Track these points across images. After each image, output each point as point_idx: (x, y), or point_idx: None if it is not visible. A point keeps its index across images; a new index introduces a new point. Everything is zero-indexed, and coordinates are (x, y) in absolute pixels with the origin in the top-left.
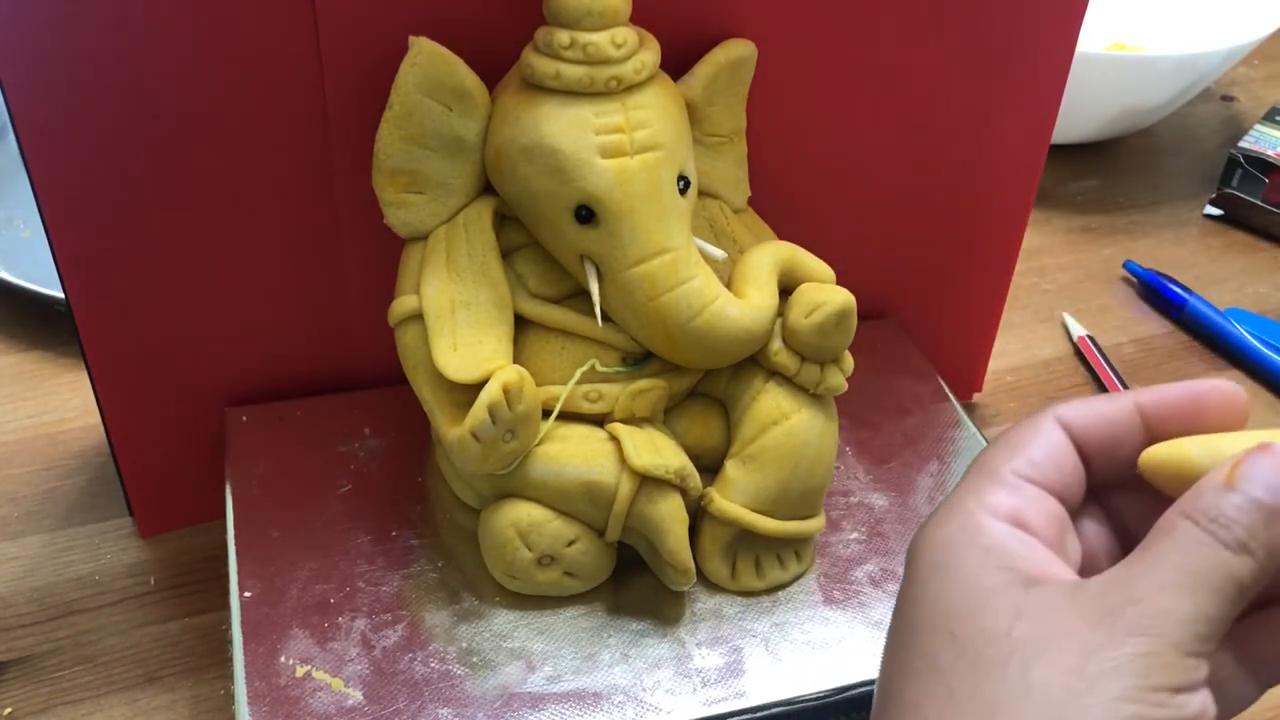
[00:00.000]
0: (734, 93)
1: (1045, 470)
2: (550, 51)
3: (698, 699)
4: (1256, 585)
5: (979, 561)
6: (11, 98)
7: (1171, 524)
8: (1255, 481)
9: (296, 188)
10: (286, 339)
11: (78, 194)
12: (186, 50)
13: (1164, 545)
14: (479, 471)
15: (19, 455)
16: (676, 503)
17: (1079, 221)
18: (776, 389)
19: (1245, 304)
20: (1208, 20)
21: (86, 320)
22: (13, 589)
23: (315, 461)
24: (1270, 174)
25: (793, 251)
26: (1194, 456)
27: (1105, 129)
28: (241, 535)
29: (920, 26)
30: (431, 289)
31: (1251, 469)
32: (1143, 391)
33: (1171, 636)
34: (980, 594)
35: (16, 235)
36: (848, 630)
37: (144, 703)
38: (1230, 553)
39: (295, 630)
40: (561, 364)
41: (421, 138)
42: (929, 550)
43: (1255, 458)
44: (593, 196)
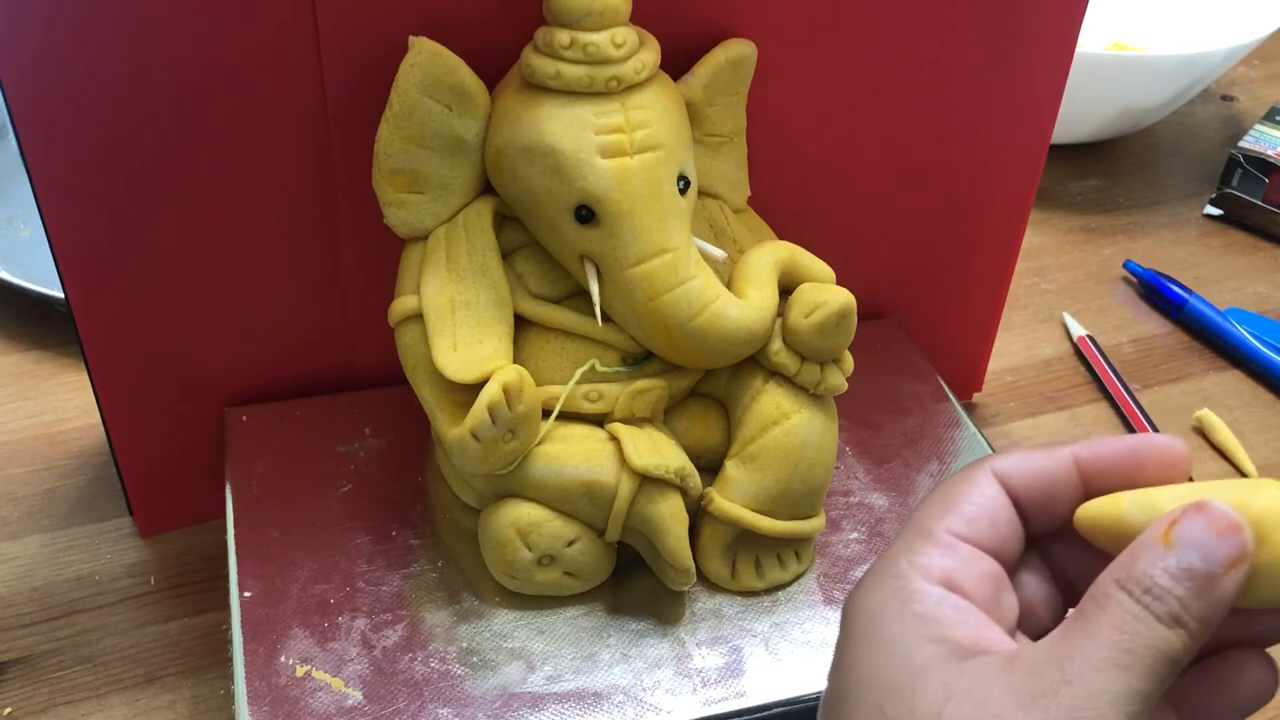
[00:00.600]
0: (734, 93)
1: (980, 528)
2: (550, 51)
3: (698, 699)
4: (1190, 655)
5: (911, 631)
6: (11, 98)
7: (1105, 593)
8: (1190, 545)
9: (296, 188)
10: (286, 339)
11: (78, 194)
12: (186, 50)
13: (1097, 618)
14: (479, 471)
15: (19, 455)
16: (676, 503)
17: (1079, 221)
18: (776, 389)
19: (1245, 304)
20: (1208, 20)
21: (86, 320)
22: (13, 589)
23: (315, 461)
24: (1270, 174)
25: (793, 251)
26: (1128, 514)
27: (1105, 129)
28: (241, 535)
29: (920, 26)
30: (431, 289)
31: (1187, 530)
32: (1081, 445)
33: (1104, 719)
34: (912, 671)
35: (16, 235)
36: None
37: (144, 703)
38: (1164, 627)
39: (295, 630)
40: (561, 364)
41: (421, 138)
42: (862, 617)
43: (1190, 518)
44: (593, 196)
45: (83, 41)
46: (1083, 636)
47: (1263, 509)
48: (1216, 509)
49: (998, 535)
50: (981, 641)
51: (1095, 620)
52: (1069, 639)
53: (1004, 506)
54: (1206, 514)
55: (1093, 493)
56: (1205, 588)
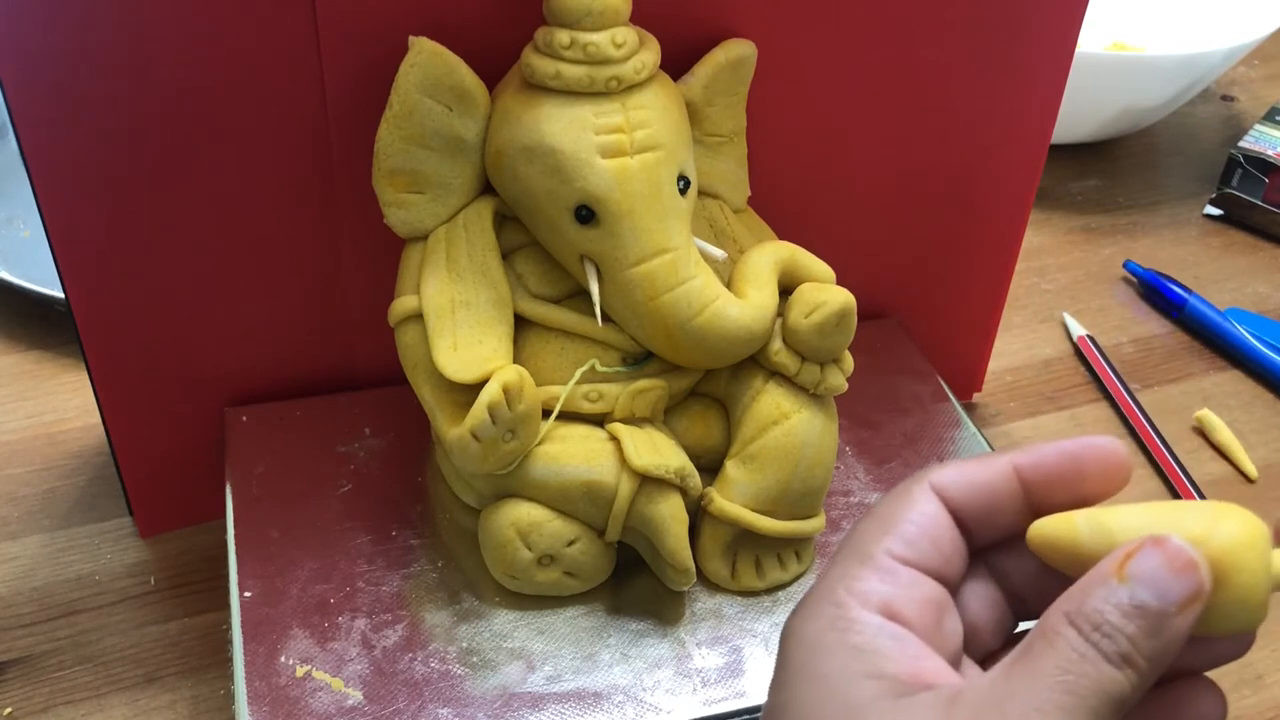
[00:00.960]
0: (734, 93)
1: (921, 548)
2: (550, 51)
3: (698, 699)
4: (1138, 695)
5: (849, 668)
6: (11, 98)
7: (1054, 629)
8: (1144, 582)
9: (297, 188)
10: (286, 339)
11: (78, 194)
12: (186, 50)
13: (1043, 656)
14: (479, 471)
15: (19, 455)
16: (676, 503)
17: (1079, 221)
18: (776, 389)
19: (1245, 304)
20: (1208, 20)
21: (86, 320)
22: (13, 589)
23: (315, 461)
24: (1270, 174)
25: (793, 251)
26: (1083, 537)
27: (1105, 129)
28: (241, 535)
29: (920, 26)
30: (431, 289)
31: (1142, 566)
32: (1019, 453)
33: None
34: (850, 710)
35: (16, 235)
36: None
37: (144, 703)
38: (1112, 667)
39: (295, 630)
40: (561, 364)
41: (421, 138)
42: (800, 648)
43: (1146, 553)
44: (593, 196)
45: (83, 42)
46: (1027, 675)
47: (1222, 547)
48: (1174, 545)
49: (940, 555)
50: (922, 674)
51: (1041, 658)
52: (1012, 677)
53: (944, 523)
54: (1164, 549)
55: (1035, 501)
56: (1157, 626)
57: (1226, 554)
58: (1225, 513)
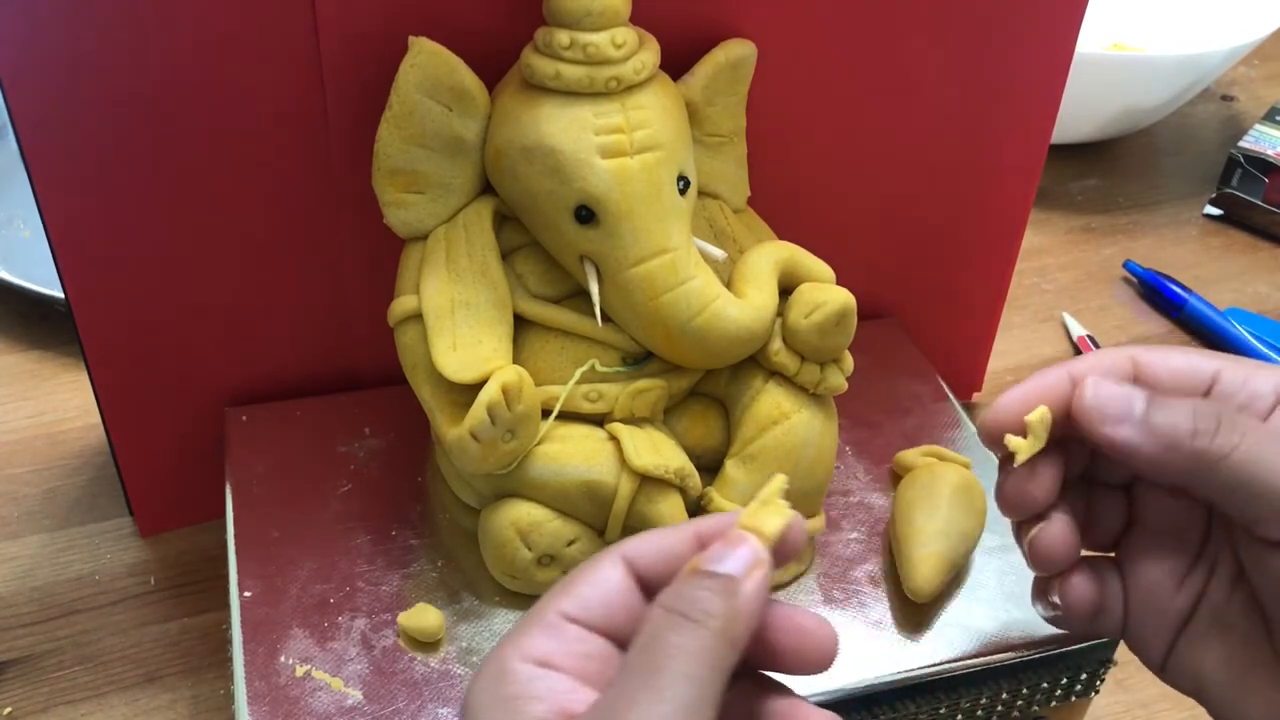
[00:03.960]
0: (734, 93)
1: (592, 609)
2: (550, 52)
3: None
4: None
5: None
6: (11, 98)
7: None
8: (711, 559)
9: (297, 188)
10: (286, 339)
11: (78, 194)
12: (186, 50)
13: (634, 648)
14: (479, 471)
15: (19, 455)
16: (676, 503)
17: (1079, 221)
18: (776, 389)
19: (1245, 304)
20: (1208, 20)
21: (86, 320)
22: (13, 589)
23: (315, 461)
24: (1270, 174)
25: (793, 251)
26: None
27: (1105, 129)
28: (241, 535)
29: (920, 27)
30: (431, 289)
31: (709, 552)
32: (703, 521)
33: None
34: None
35: (16, 235)
36: (847, 630)
37: (144, 703)
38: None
39: (295, 630)
40: (561, 364)
41: (421, 138)
42: (467, 712)
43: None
44: (592, 197)
45: (83, 42)
46: (625, 671)
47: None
48: (734, 533)
49: (610, 616)
50: (569, 707)
51: (633, 651)
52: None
53: (624, 588)
54: (726, 538)
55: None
56: (730, 588)
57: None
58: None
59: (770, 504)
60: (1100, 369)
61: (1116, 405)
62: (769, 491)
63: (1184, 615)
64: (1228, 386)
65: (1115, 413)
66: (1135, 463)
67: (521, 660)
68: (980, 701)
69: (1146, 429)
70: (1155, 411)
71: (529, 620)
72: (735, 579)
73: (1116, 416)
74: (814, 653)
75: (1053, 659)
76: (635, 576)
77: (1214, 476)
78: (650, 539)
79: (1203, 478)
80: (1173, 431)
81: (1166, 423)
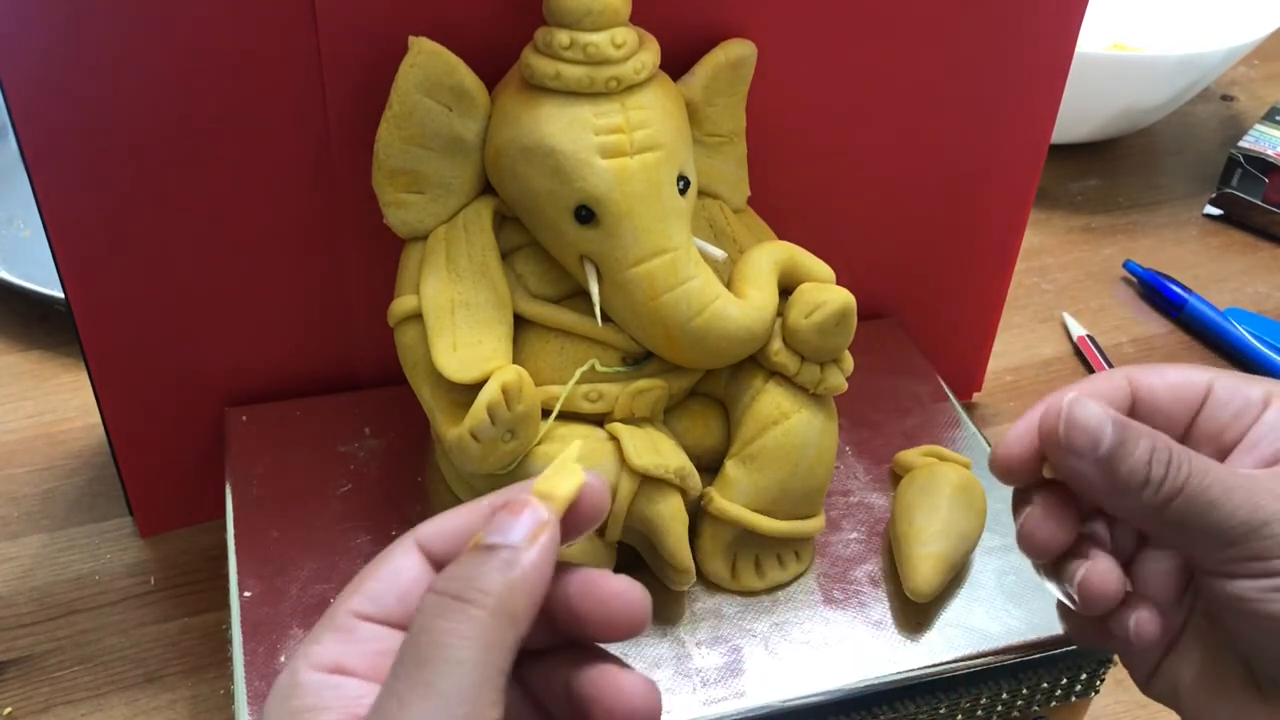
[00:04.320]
0: (734, 93)
1: (385, 603)
2: (550, 52)
3: (697, 699)
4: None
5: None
6: (12, 98)
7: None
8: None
9: (297, 188)
10: (286, 339)
11: (78, 194)
12: (186, 50)
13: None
14: (479, 471)
15: (19, 455)
16: (676, 503)
17: (1079, 221)
18: (776, 389)
19: (1245, 304)
20: (1208, 20)
21: (86, 320)
22: (13, 589)
23: (315, 461)
24: (1270, 174)
25: (793, 251)
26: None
27: (1105, 129)
28: (241, 535)
29: (920, 26)
30: (431, 289)
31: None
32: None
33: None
34: None
35: (16, 235)
36: (847, 630)
37: (144, 703)
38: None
39: (295, 630)
40: (561, 364)
41: (421, 138)
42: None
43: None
44: (592, 197)
45: (82, 42)
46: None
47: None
48: (516, 500)
49: (407, 609)
50: (362, 711)
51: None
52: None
53: (419, 577)
54: (508, 505)
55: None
56: (511, 559)
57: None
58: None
59: (564, 468)
60: (1095, 388)
61: (1084, 437)
62: (564, 457)
63: (1177, 631)
64: (1221, 395)
65: (1080, 445)
66: (1087, 494)
67: (312, 669)
68: (980, 701)
69: (1104, 471)
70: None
71: (320, 625)
72: (516, 548)
73: (1081, 449)
74: (621, 618)
75: (1053, 659)
76: (432, 562)
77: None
78: (444, 519)
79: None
80: (1127, 479)
81: (1124, 470)
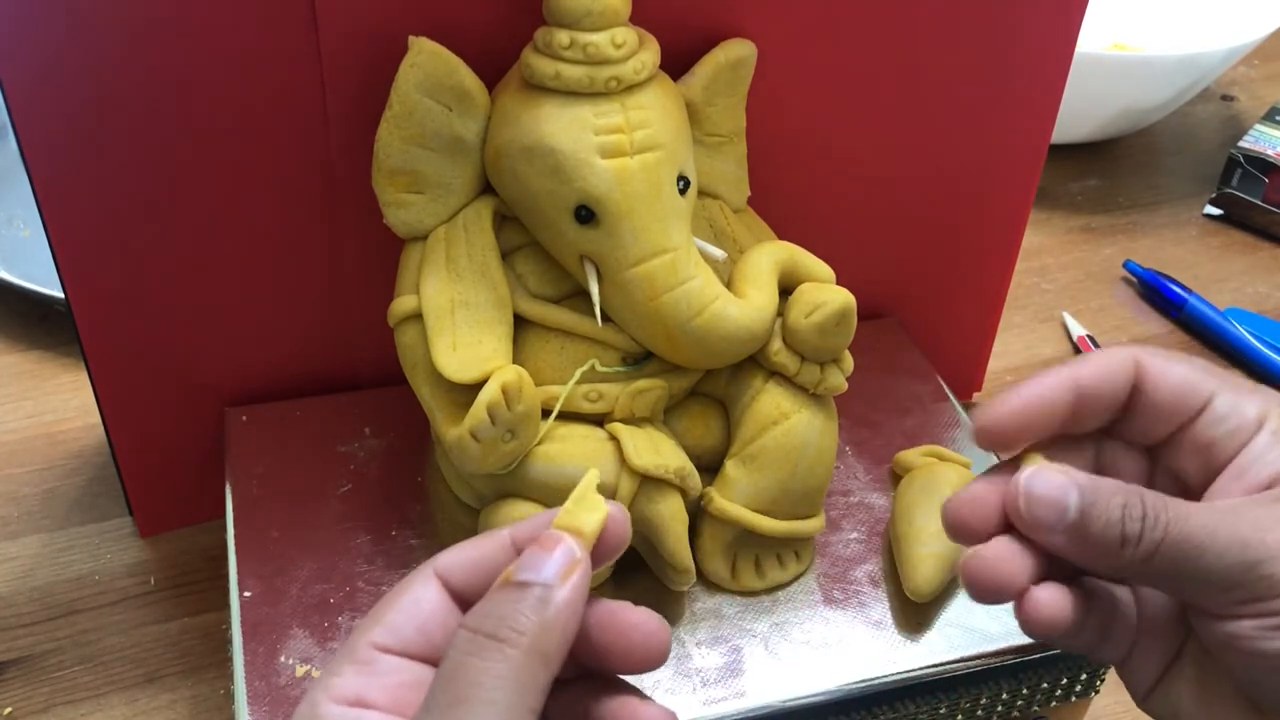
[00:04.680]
0: (734, 93)
1: (404, 635)
2: (550, 52)
3: (697, 699)
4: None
5: None
6: (11, 98)
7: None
8: (523, 567)
9: (297, 188)
10: (286, 339)
11: (78, 194)
12: (186, 50)
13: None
14: (478, 471)
15: (19, 455)
16: (676, 503)
17: (1079, 221)
18: (776, 389)
19: (1245, 304)
20: (1208, 20)
21: (86, 320)
22: (13, 589)
23: (315, 461)
24: (1270, 174)
25: (793, 251)
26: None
27: (1105, 129)
28: (241, 535)
29: (920, 26)
30: (431, 289)
31: (521, 560)
32: (519, 525)
33: None
34: None
35: (16, 235)
36: (847, 630)
37: (144, 703)
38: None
39: (295, 630)
40: (561, 364)
41: (421, 138)
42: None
43: (525, 552)
44: (592, 197)
45: (83, 42)
46: (424, 706)
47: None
48: (546, 534)
49: (428, 640)
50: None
51: (435, 681)
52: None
53: (439, 608)
54: (538, 541)
55: None
56: (544, 597)
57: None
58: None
59: (586, 499)
60: (1102, 370)
61: (1048, 510)
62: (583, 487)
63: (1178, 648)
64: (1220, 409)
65: (1047, 519)
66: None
67: (332, 701)
68: (980, 701)
69: (1077, 539)
70: (1086, 513)
71: (341, 656)
72: (549, 586)
73: (1048, 523)
74: (640, 650)
75: (1053, 659)
76: (451, 592)
77: (1144, 576)
78: (463, 550)
79: (1133, 577)
80: (1101, 540)
81: (1096, 530)
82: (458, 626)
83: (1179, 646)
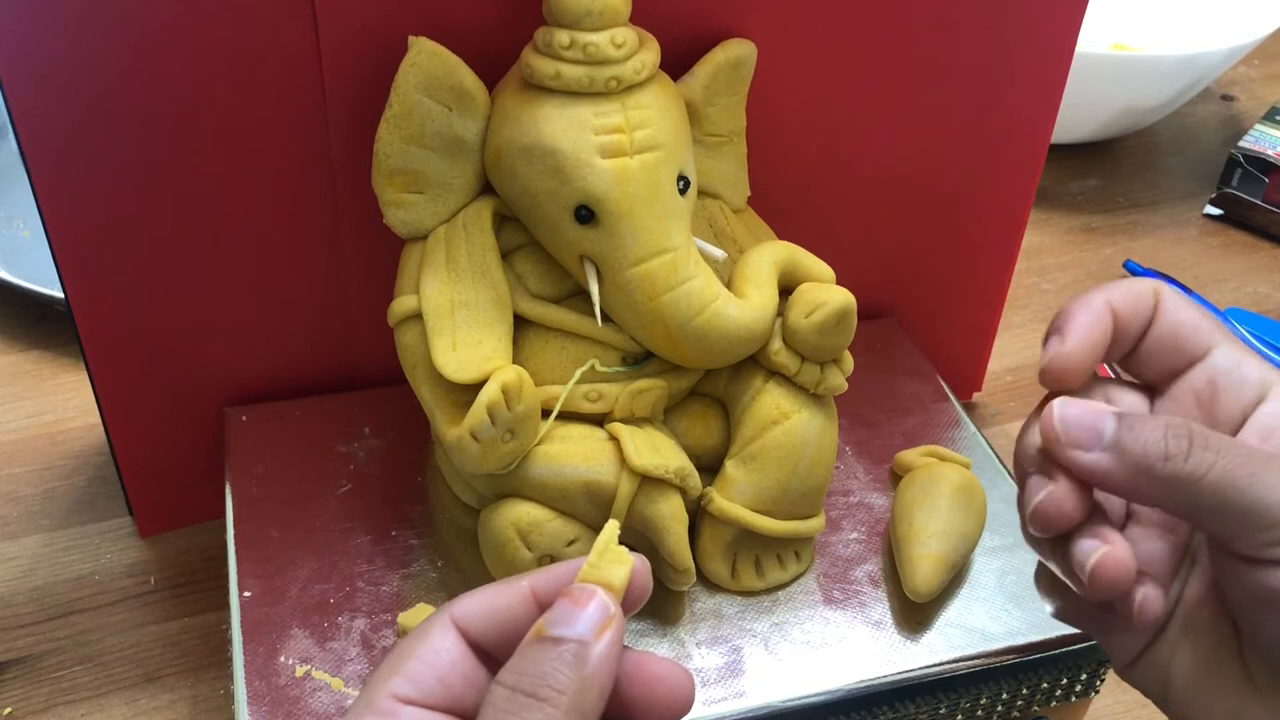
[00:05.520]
0: (734, 93)
1: (426, 686)
2: (550, 52)
3: (698, 699)
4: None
5: None
6: (11, 98)
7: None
8: (556, 623)
9: (297, 188)
10: (286, 339)
11: (78, 194)
12: (186, 50)
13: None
14: (478, 471)
15: (19, 455)
16: (676, 503)
17: (1079, 221)
18: (776, 389)
19: (1245, 304)
20: (1208, 20)
21: (86, 320)
22: (13, 589)
23: (315, 461)
24: (1270, 174)
25: (792, 251)
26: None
27: (1105, 129)
28: (241, 535)
29: (920, 27)
30: (431, 289)
31: (552, 614)
32: (539, 574)
33: None
34: None
35: (16, 235)
36: (847, 630)
37: (144, 703)
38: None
39: (295, 630)
40: (561, 364)
41: (421, 138)
42: None
43: (556, 604)
44: (592, 196)
45: (83, 42)
46: None
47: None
48: (576, 588)
49: (448, 691)
50: None
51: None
52: None
53: (458, 658)
54: (569, 594)
55: None
56: (581, 653)
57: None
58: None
59: (610, 551)
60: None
61: (1084, 431)
62: (605, 539)
63: (1165, 616)
64: (1220, 363)
65: (1083, 439)
66: (1108, 488)
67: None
68: (980, 701)
69: (1117, 455)
70: (1126, 434)
71: (359, 706)
72: (586, 643)
73: (1085, 443)
74: (666, 701)
75: (1053, 659)
76: (469, 641)
77: (1189, 498)
78: (480, 598)
79: (1177, 500)
80: (1144, 457)
81: (1137, 447)
82: (493, 683)
83: (1166, 616)
